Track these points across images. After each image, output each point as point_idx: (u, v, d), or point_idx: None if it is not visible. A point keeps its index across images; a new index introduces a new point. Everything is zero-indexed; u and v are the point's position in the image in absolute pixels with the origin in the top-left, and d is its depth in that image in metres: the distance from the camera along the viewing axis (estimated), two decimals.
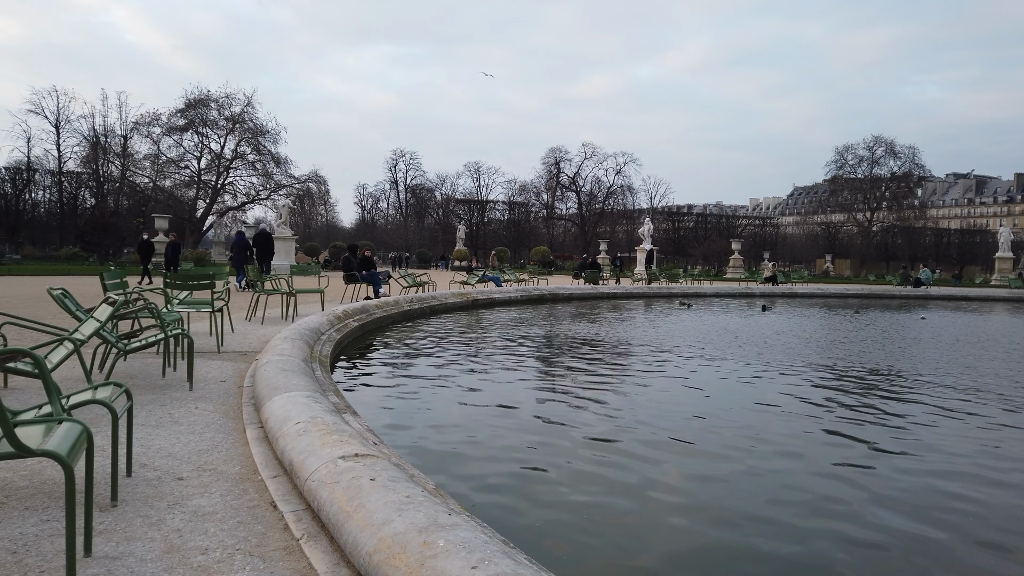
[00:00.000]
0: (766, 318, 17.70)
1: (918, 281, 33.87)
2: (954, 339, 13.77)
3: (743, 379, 8.43)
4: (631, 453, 5.04)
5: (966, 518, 4.01)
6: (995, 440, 5.76)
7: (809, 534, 3.74)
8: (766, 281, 33.61)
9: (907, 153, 73.57)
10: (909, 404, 7.21)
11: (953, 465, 5.01)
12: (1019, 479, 4.79)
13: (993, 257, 47.08)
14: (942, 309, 23.60)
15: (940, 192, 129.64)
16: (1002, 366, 10.07)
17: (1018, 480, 4.76)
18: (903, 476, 4.73)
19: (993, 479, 4.71)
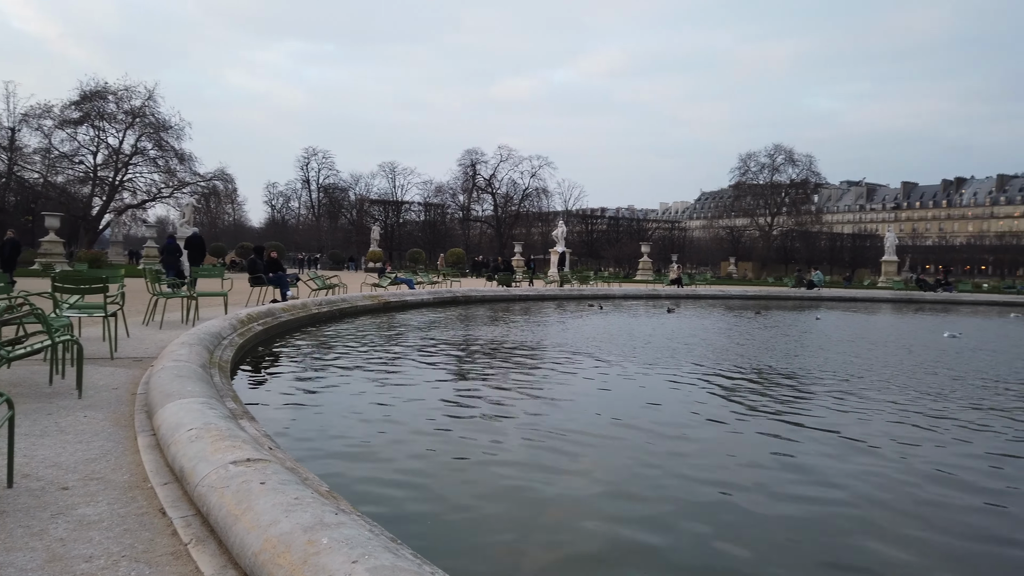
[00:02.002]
0: (671, 320, 18.41)
1: (811, 283, 35.92)
2: (847, 337, 14.74)
3: (647, 380, 8.81)
4: (536, 455, 5.22)
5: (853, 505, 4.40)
6: (897, 429, 6.29)
7: (712, 537, 4.02)
8: (672, 283, 34.84)
9: (805, 161, 77.81)
10: (810, 398, 7.74)
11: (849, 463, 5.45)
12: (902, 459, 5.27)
13: (880, 260, 50.36)
14: (834, 309, 25.13)
15: (835, 198, 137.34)
16: (893, 361, 10.91)
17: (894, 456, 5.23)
18: (806, 472, 5.12)
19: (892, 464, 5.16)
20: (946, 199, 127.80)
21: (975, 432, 6.29)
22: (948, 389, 8.41)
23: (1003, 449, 5.77)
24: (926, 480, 4.86)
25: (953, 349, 12.84)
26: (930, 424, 6.52)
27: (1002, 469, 5.22)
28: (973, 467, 5.24)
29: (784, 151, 77.44)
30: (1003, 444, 5.94)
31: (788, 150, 77.52)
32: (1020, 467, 5.32)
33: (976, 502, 4.48)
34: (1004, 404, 7.64)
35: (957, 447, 5.78)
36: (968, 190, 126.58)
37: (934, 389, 8.37)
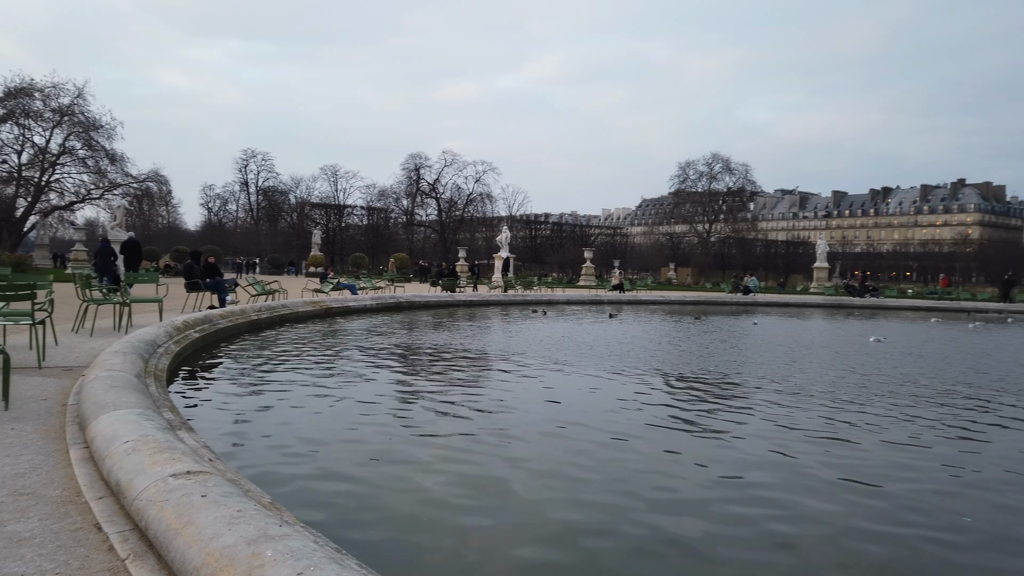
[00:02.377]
0: (614, 325, 18.70)
1: (747, 289, 37.00)
2: (782, 342, 15.25)
3: (592, 385, 8.95)
4: (480, 462, 5.26)
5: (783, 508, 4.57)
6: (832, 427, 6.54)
7: (657, 542, 4.12)
8: (614, 289, 35.36)
9: (741, 170, 79.91)
10: (750, 401, 7.99)
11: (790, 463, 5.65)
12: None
13: (812, 267, 52.18)
14: (769, 314, 25.92)
15: (769, 206, 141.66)
16: (827, 364, 11.34)
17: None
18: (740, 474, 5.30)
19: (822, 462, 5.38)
20: (873, 208, 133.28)
21: (894, 430, 6.62)
22: (876, 392, 8.81)
23: (915, 441, 6.10)
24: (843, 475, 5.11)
25: (881, 352, 13.42)
26: (854, 423, 6.83)
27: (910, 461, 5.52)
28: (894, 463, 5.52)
29: (722, 160, 79.49)
30: (908, 439, 6.27)
31: (725, 159, 79.60)
32: (927, 460, 5.62)
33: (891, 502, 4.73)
34: (925, 403, 8.05)
35: (880, 447, 6.08)
36: (894, 199, 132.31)
37: (860, 392, 8.76)
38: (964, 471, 5.42)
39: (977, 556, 3.90)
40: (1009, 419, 7.45)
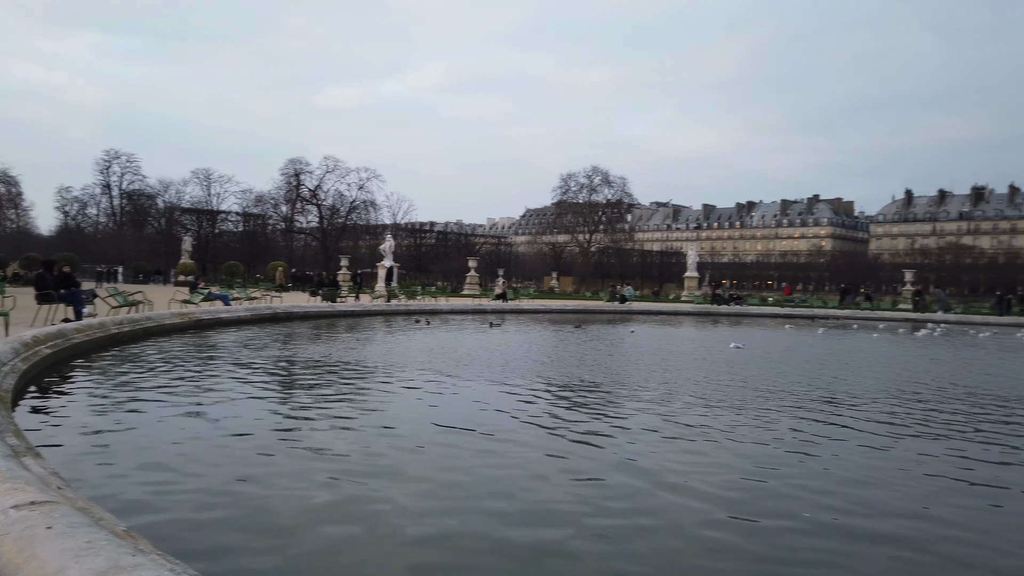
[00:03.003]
0: (495, 334, 18.95)
1: (623, 298, 38.50)
2: (655, 349, 15.97)
3: (473, 395, 9.05)
4: (356, 481, 5.21)
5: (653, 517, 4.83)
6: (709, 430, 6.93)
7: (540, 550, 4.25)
8: (497, 298, 35.81)
9: (619, 183, 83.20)
10: (626, 407, 8.33)
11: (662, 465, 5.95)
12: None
13: (684, 276, 54.97)
14: (645, 322, 27.06)
15: (645, 218, 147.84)
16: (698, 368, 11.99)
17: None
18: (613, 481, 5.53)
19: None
20: (739, 220, 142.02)
21: (757, 431, 7.16)
22: (735, 395, 9.45)
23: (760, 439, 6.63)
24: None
25: (739, 358, 14.37)
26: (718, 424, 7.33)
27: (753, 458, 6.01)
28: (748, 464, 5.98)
29: (601, 172, 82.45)
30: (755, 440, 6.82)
31: (604, 172, 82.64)
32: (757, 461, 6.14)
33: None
34: (775, 405, 8.73)
35: (734, 447, 6.56)
36: (757, 213, 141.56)
37: (719, 395, 9.37)
38: (815, 469, 5.94)
39: (816, 551, 4.29)
40: (849, 419, 8.20)
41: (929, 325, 27.73)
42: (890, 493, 5.29)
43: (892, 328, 27.42)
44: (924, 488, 5.48)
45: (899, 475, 5.79)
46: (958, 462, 6.25)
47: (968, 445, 6.95)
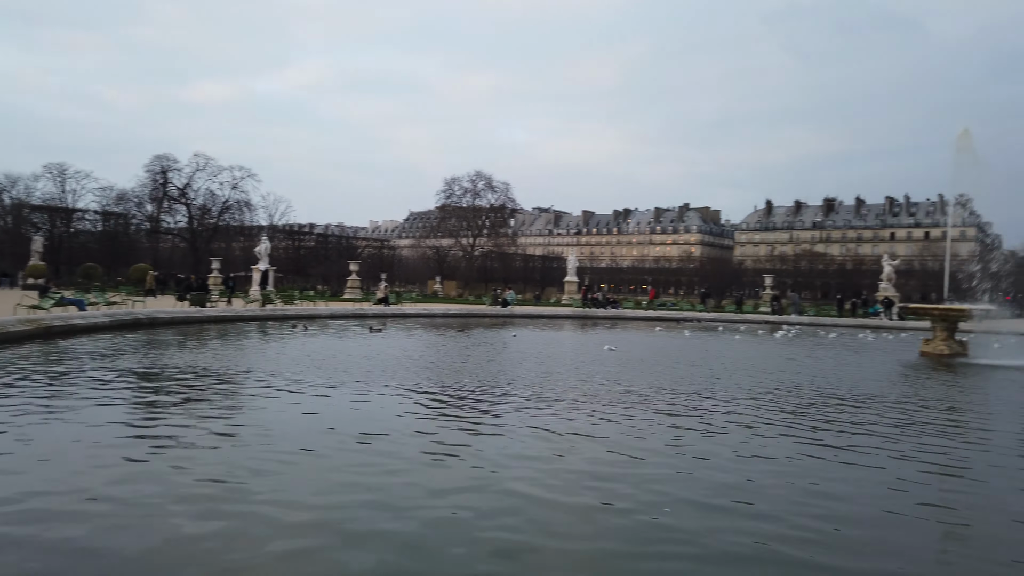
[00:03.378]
0: (376, 339, 18.71)
1: (505, 301, 39.05)
2: (536, 352, 16.27)
3: (351, 402, 8.91)
4: (218, 498, 5.04)
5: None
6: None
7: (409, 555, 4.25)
8: (379, 302, 35.34)
9: (503, 188, 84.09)
10: (508, 409, 8.45)
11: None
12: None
13: (564, 280, 56.36)
14: (527, 326, 27.50)
15: (528, 223, 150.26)
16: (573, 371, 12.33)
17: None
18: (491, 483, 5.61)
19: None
20: (616, 227, 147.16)
21: (633, 427, 7.50)
22: (605, 395, 9.85)
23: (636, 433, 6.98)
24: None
25: (612, 359, 14.96)
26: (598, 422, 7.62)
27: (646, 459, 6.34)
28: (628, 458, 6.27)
29: (485, 177, 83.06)
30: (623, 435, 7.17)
31: (488, 177, 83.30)
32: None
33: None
34: (642, 403, 9.19)
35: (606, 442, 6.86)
36: (633, 220, 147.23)
37: (593, 396, 9.75)
38: (681, 467, 6.30)
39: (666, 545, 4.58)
40: (704, 411, 8.74)
41: (784, 327, 29.91)
42: (733, 478, 5.72)
43: (752, 330, 29.35)
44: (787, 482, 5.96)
45: (737, 461, 6.26)
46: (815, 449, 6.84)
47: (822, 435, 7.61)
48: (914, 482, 5.96)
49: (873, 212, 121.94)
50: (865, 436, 7.73)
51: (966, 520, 5.11)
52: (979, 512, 5.34)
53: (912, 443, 7.48)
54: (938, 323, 18.90)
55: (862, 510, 5.17)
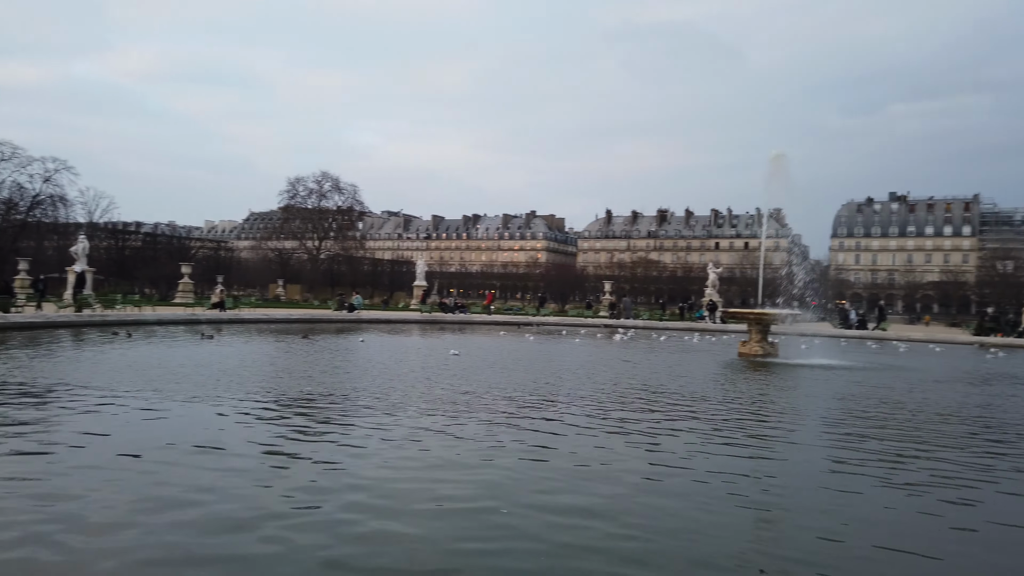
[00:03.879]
0: (209, 347, 17.70)
1: (352, 306, 38.26)
2: (384, 359, 16.07)
3: (175, 414, 8.38)
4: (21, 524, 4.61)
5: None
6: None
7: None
8: (214, 307, 33.42)
9: (350, 190, 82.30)
10: (353, 417, 8.27)
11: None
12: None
13: (413, 285, 56.08)
14: (374, 331, 27.06)
15: (377, 226, 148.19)
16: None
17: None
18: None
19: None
20: (466, 232, 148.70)
21: (479, 432, 7.65)
22: (450, 399, 9.98)
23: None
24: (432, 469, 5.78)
25: (460, 364, 15.14)
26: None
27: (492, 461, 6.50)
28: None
29: (331, 179, 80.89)
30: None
31: (335, 178, 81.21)
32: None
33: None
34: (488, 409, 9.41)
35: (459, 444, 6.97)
36: (482, 226, 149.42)
37: (440, 402, 9.84)
38: (534, 471, 6.52)
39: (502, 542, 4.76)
40: (541, 420, 9.11)
41: (621, 330, 31.62)
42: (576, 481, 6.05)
43: (592, 333, 30.76)
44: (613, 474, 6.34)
45: (573, 458, 6.63)
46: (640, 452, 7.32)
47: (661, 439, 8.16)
48: (732, 473, 6.56)
49: (701, 223, 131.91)
50: (688, 427, 8.40)
51: (776, 494, 5.73)
52: (785, 484, 6.00)
53: (730, 435, 8.24)
54: (753, 326, 20.79)
55: (677, 489, 5.65)
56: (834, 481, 6.33)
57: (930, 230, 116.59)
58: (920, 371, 17.72)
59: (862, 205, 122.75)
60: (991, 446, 8.34)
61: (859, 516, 5.33)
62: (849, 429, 9.15)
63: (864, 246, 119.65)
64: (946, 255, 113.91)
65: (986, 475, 6.75)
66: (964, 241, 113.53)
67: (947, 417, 10.37)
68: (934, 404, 11.58)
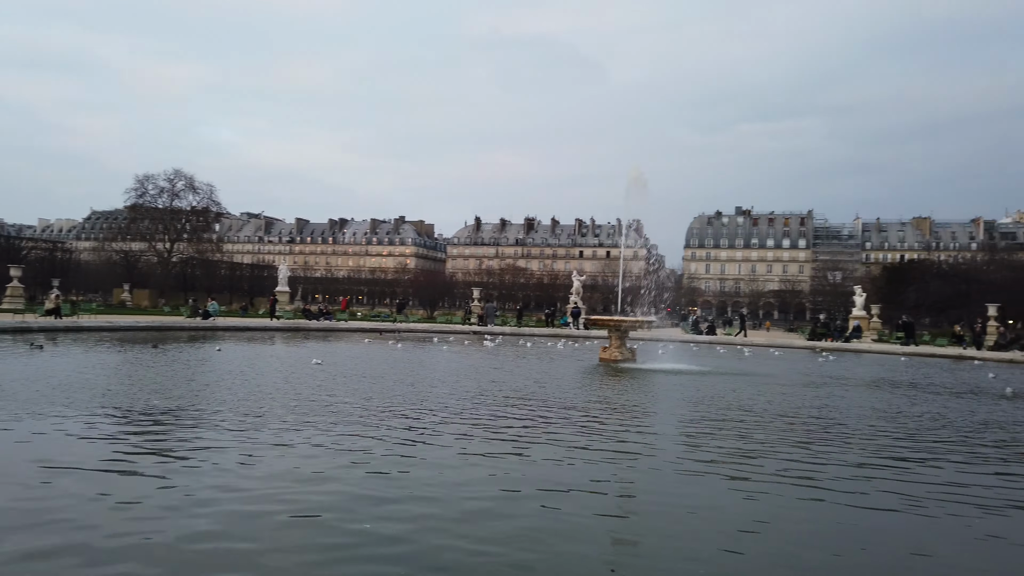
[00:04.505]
0: (41, 358, 16.15)
1: (207, 313, 36.21)
2: (240, 369, 15.26)
3: (10, 435, 7.61)
4: None
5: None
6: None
7: None
8: (48, 314, 30.55)
9: (206, 190, 77.81)
10: (200, 436, 7.78)
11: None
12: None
13: (275, 291, 53.89)
14: (232, 340, 25.73)
15: (236, 229, 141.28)
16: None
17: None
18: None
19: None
20: (332, 236, 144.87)
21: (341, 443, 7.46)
22: (315, 412, 9.69)
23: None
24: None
25: (323, 374, 14.72)
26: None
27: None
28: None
29: (185, 177, 76.19)
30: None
31: (189, 177, 76.58)
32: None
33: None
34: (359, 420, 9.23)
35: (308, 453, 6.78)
36: (349, 230, 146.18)
37: (302, 413, 9.54)
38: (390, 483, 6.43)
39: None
40: (396, 430, 9.06)
41: (488, 337, 31.99)
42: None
43: (460, 340, 30.90)
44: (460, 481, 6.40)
45: (441, 467, 6.66)
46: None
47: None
48: (587, 462, 6.82)
49: (566, 232, 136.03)
50: (549, 432, 8.65)
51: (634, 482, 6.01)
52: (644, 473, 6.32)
53: (593, 436, 8.56)
54: (613, 332, 21.70)
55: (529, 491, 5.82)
56: (684, 481, 6.75)
57: (771, 242, 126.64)
58: (763, 375, 19.18)
59: (712, 218, 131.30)
60: (825, 443, 9.19)
61: (710, 510, 5.71)
62: (699, 429, 9.78)
63: (713, 256, 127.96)
64: (785, 266, 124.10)
65: (818, 472, 7.44)
66: (800, 253, 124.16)
67: (789, 418, 11.27)
68: (777, 406, 12.57)
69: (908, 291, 61.26)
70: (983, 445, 9.37)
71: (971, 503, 6.29)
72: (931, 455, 8.50)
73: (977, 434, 10.24)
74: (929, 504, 6.18)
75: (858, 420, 11.12)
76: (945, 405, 13.54)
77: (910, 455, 8.43)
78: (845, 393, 15.08)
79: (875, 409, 12.57)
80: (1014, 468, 8.29)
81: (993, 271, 63.51)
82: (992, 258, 72.96)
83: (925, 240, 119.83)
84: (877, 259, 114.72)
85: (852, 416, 11.53)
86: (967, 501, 6.35)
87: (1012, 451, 9.13)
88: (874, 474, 7.33)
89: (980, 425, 11.12)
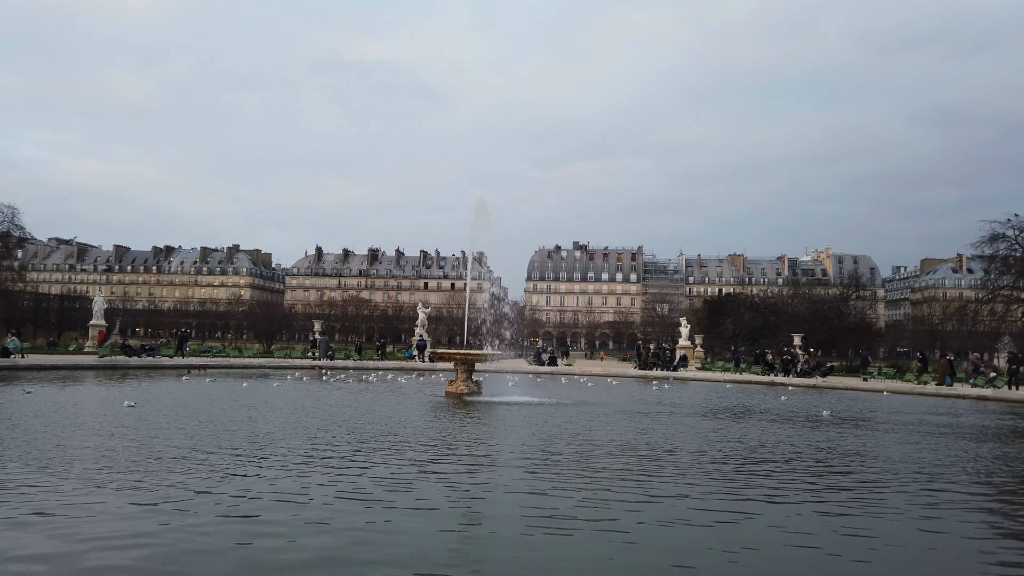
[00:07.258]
0: None
1: (6, 350, 32.13)
2: (40, 411, 13.51)
3: None
4: None
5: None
6: None
7: None
8: None
9: (7, 212, 69.50)
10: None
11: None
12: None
13: (89, 324, 48.99)
14: (39, 380, 22.79)
15: (42, 255, 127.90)
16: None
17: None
18: None
19: None
20: (156, 265, 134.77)
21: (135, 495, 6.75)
22: (127, 461, 8.77)
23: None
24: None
25: (134, 417, 13.40)
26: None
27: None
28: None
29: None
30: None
31: None
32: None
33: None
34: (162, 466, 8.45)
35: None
36: (176, 259, 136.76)
37: (114, 463, 8.60)
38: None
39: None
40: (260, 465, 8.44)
41: (328, 372, 30.91)
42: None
43: (299, 376, 29.57)
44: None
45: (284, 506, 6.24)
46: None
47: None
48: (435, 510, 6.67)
49: (411, 264, 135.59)
50: (391, 469, 8.40)
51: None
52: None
53: (433, 470, 8.40)
54: (459, 366, 21.70)
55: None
56: (530, 514, 6.79)
57: (605, 276, 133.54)
58: (602, 404, 19.91)
59: (551, 252, 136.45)
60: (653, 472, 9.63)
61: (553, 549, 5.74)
62: (542, 460, 9.92)
63: (553, 289, 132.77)
64: (618, 298, 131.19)
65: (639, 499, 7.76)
66: (632, 287, 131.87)
67: (624, 447, 11.71)
68: (617, 436, 13.05)
69: (726, 322, 66.70)
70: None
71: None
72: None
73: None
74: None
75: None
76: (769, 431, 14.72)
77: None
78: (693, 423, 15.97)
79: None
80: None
81: (797, 304, 70.71)
82: (796, 292, 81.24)
83: (740, 275, 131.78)
84: (699, 292, 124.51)
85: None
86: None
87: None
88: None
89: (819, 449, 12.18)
